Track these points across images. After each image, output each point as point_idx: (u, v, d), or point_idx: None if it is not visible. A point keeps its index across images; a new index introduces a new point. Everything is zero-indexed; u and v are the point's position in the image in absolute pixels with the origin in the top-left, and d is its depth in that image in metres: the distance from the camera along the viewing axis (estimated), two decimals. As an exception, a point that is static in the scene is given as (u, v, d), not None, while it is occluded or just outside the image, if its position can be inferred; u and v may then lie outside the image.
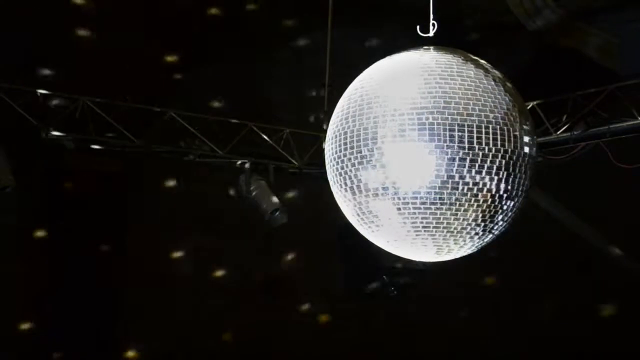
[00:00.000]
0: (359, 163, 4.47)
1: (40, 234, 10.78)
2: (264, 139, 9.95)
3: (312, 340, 11.94)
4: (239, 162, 9.89)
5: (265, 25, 11.09)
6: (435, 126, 4.37)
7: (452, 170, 4.38)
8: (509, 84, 4.58)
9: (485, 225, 4.54)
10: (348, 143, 4.51)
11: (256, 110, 10.84)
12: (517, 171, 4.48)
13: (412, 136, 4.38)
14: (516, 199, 4.54)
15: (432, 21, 4.75)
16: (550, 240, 12.21)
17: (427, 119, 4.38)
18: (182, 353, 11.45)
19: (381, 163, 4.42)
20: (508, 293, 12.46)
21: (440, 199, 4.41)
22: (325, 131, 4.80)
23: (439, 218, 4.45)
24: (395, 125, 4.40)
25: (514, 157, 4.46)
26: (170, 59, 10.89)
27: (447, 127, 4.37)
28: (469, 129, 4.39)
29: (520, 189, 4.53)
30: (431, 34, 4.75)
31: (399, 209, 4.44)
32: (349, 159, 4.49)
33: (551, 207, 11.39)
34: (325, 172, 4.81)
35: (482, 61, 4.62)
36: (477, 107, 4.41)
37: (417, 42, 4.72)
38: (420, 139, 4.37)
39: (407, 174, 4.41)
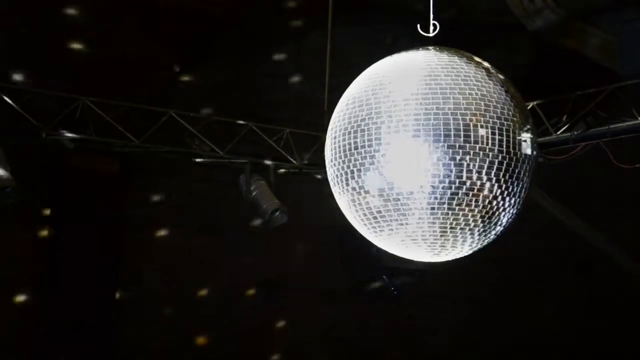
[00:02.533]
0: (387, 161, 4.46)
1: (40, 234, 10.78)
2: (264, 139, 9.95)
3: (312, 340, 11.94)
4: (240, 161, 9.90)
5: (265, 24, 11.09)
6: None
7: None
8: (509, 85, 4.59)
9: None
10: (379, 138, 4.45)
11: (256, 110, 10.84)
12: (517, 171, 4.49)
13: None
14: (517, 199, 4.55)
15: (432, 22, 4.76)
16: (551, 240, 12.22)
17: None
18: (182, 352, 11.45)
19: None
20: (508, 293, 12.47)
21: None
22: (326, 130, 4.75)
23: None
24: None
25: (515, 157, 4.46)
26: (170, 58, 10.89)
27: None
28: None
29: (521, 189, 4.54)
30: (431, 33, 4.76)
31: (433, 208, 4.44)
32: (385, 156, 4.45)
33: (551, 207, 11.39)
34: (325, 172, 4.80)
35: (483, 61, 4.63)
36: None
37: (418, 42, 4.73)
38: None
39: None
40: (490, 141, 4.41)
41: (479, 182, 4.42)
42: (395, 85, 4.51)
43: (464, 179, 4.40)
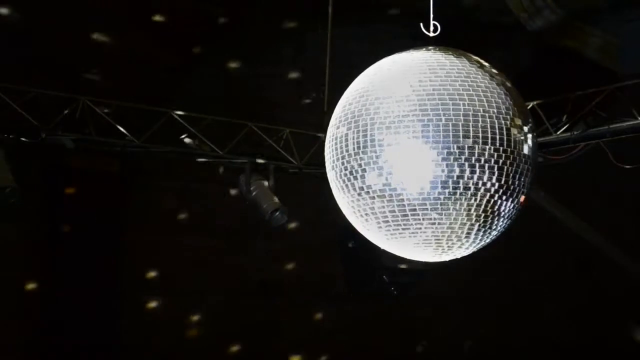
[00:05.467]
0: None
1: (40, 234, 10.77)
2: (264, 138, 9.95)
3: (312, 340, 11.94)
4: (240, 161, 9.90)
5: (265, 25, 11.09)
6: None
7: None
8: (509, 84, 4.60)
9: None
10: (427, 136, 4.44)
11: (256, 110, 10.84)
12: (517, 171, 4.49)
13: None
14: (516, 199, 4.55)
15: (432, 22, 4.76)
16: (550, 240, 12.22)
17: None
18: (182, 352, 11.45)
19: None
20: (508, 293, 12.47)
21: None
22: (326, 130, 4.74)
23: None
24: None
25: (514, 157, 4.47)
26: (170, 58, 10.89)
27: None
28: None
29: (521, 189, 4.54)
30: (432, 34, 4.76)
31: (469, 209, 4.46)
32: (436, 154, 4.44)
33: (551, 207, 11.39)
34: (324, 172, 4.80)
35: (483, 61, 4.63)
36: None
37: (418, 42, 4.73)
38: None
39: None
40: (490, 141, 4.42)
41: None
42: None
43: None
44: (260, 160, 9.96)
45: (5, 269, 10.42)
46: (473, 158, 4.41)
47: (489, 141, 4.43)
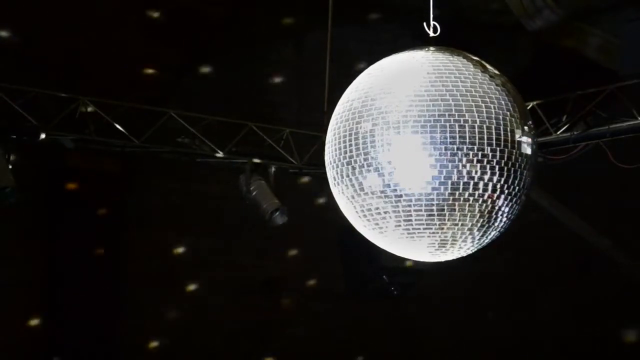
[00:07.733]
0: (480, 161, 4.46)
1: (39, 234, 10.77)
2: (264, 139, 9.95)
3: (312, 340, 11.93)
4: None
5: (265, 24, 11.09)
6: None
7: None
8: (509, 84, 4.60)
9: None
10: (464, 136, 4.43)
11: (256, 110, 10.84)
12: (517, 171, 4.50)
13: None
14: (516, 199, 4.56)
15: (432, 22, 4.76)
16: (550, 240, 12.21)
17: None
18: (182, 352, 11.45)
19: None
20: (508, 293, 12.47)
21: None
22: (326, 130, 4.73)
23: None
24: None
25: (514, 157, 4.47)
26: (170, 58, 10.89)
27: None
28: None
29: (521, 189, 4.55)
30: (432, 33, 4.77)
31: (491, 211, 4.50)
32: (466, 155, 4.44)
33: (551, 207, 11.39)
34: (324, 172, 4.79)
35: (482, 61, 4.63)
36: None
37: (418, 42, 4.73)
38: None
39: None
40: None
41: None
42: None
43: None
44: (260, 160, 9.96)
45: (6, 269, 10.42)
46: (503, 161, 4.43)
47: (516, 145, 4.46)
